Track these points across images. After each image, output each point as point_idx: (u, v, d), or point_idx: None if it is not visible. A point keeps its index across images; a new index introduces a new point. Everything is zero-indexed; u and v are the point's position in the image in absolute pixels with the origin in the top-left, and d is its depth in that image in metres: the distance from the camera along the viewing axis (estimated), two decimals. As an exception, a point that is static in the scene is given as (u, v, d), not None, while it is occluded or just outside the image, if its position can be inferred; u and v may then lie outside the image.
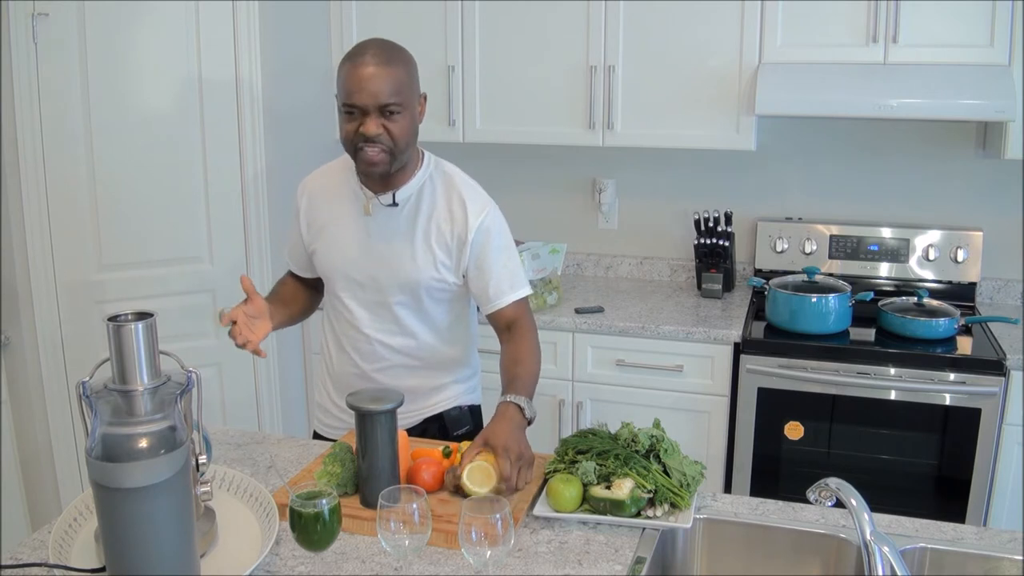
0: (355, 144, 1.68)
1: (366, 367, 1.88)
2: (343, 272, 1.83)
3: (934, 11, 2.55)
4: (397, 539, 1.25)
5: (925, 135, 2.93)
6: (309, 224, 1.87)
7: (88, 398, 1.15)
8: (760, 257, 3.08)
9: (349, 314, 1.86)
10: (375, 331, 1.85)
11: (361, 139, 1.66)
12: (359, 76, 1.63)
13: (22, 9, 2.35)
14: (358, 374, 1.89)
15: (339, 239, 1.83)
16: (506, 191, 3.45)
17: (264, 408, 2.93)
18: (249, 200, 2.77)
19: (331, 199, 1.85)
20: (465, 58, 2.98)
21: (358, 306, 1.85)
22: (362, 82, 1.63)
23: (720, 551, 1.54)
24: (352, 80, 1.64)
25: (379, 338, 1.85)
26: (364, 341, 1.86)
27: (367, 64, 1.64)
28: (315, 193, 1.88)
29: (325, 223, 1.84)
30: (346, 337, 1.89)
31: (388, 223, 1.79)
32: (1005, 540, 1.45)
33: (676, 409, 2.72)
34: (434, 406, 1.93)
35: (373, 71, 1.63)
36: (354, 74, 1.64)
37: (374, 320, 1.85)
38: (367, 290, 1.83)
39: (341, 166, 1.86)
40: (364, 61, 1.64)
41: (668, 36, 2.79)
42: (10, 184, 2.43)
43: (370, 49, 1.66)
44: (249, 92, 2.72)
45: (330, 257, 1.84)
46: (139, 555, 1.14)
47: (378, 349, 1.86)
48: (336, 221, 1.83)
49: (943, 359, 2.49)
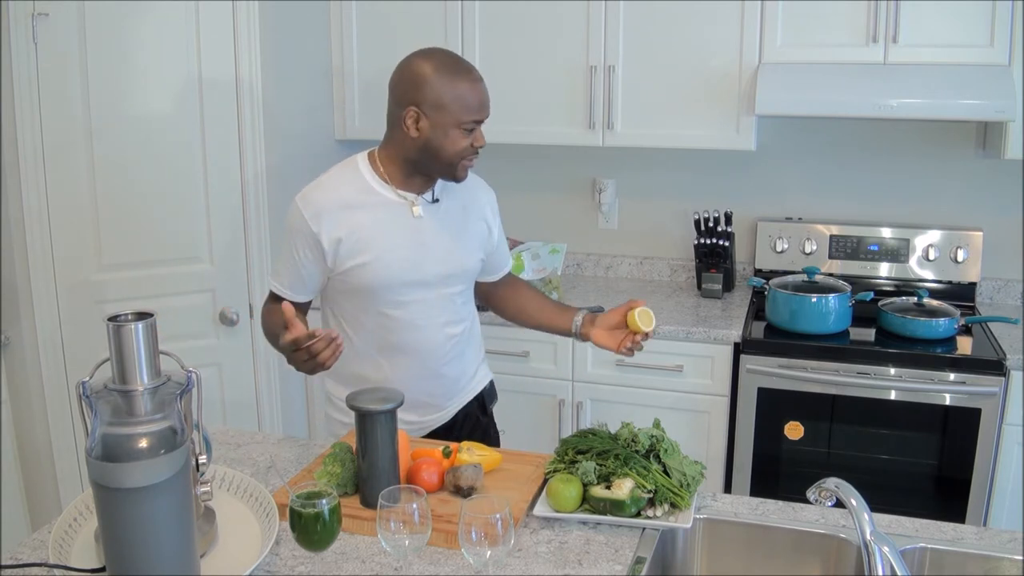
0: (463, 156, 1.74)
1: (433, 365, 1.88)
2: (403, 276, 1.78)
3: (934, 11, 2.55)
4: (397, 539, 1.25)
5: (925, 135, 2.93)
6: (341, 241, 1.74)
7: (88, 398, 1.15)
8: (760, 257, 3.08)
9: (407, 317, 1.82)
10: (443, 325, 1.87)
11: (472, 152, 1.74)
12: (481, 91, 1.73)
13: (22, 9, 2.35)
14: (424, 375, 1.87)
15: (392, 246, 1.76)
16: (506, 191, 3.45)
17: (264, 408, 2.93)
18: (249, 200, 2.77)
19: (358, 210, 1.76)
20: (465, 58, 2.97)
21: (422, 307, 1.82)
22: (484, 96, 1.73)
23: (720, 551, 1.54)
24: (479, 95, 1.72)
25: (447, 331, 1.88)
26: (431, 339, 1.85)
27: (479, 79, 1.73)
28: (332, 210, 1.74)
29: (369, 235, 1.75)
30: (404, 343, 1.84)
31: (436, 220, 1.82)
32: (1005, 540, 1.45)
33: (676, 409, 2.72)
34: (476, 386, 2.02)
35: (484, 85, 1.74)
36: (478, 89, 1.72)
37: (440, 314, 1.86)
38: (432, 287, 1.82)
39: (343, 179, 1.79)
40: (475, 76, 1.73)
41: (668, 36, 2.80)
42: (10, 184, 2.43)
43: (465, 62, 1.75)
44: (249, 92, 2.72)
45: (386, 264, 1.76)
46: (139, 555, 1.14)
47: (445, 343, 1.88)
48: (382, 231, 1.76)
49: (943, 359, 2.49)
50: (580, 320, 1.91)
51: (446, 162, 1.74)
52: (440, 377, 1.90)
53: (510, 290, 2.08)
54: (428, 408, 1.92)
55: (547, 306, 2.03)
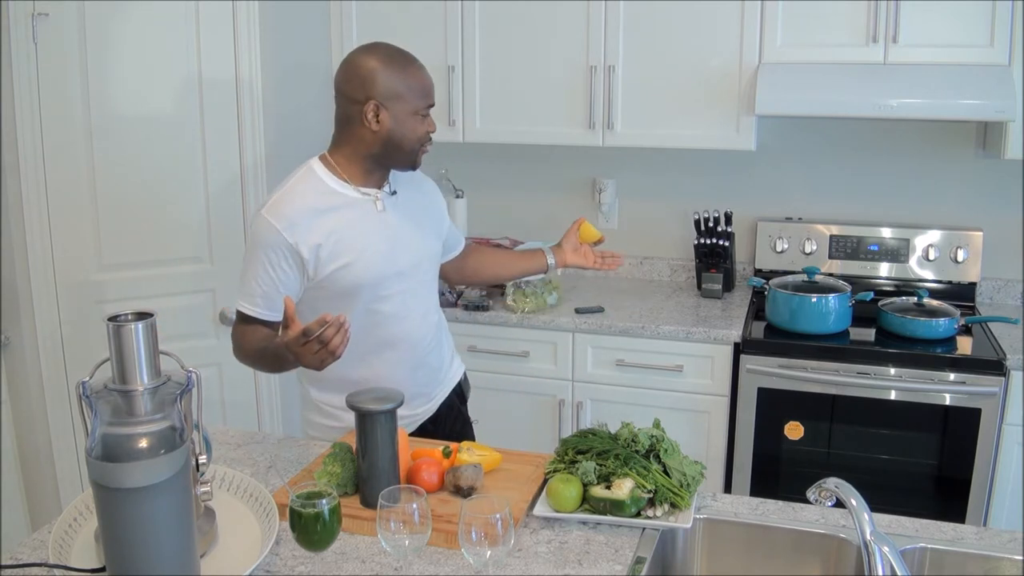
0: (422, 143, 1.80)
1: (421, 354, 1.92)
2: (383, 271, 1.81)
3: (934, 11, 2.55)
4: (397, 539, 1.25)
5: (925, 135, 2.93)
6: (320, 247, 1.73)
7: (88, 398, 1.15)
8: (760, 257, 3.08)
9: (392, 310, 1.84)
10: (423, 314, 1.92)
11: (427, 138, 1.81)
12: (427, 76, 1.79)
13: (22, 9, 2.35)
14: (413, 365, 1.91)
15: (368, 243, 1.79)
16: (506, 191, 3.47)
17: (264, 408, 2.93)
18: (249, 200, 2.77)
19: (329, 214, 1.75)
20: (465, 58, 2.98)
21: (403, 298, 1.86)
22: (430, 81, 1.79)
23: (720, 551, 1.54)
24: (425, 81, 1.78)
25: (428, 319, 1.94)
26: (415, 329, 1.90)
27: (423, 66, 1.79)
28: (302, 219, 1.73)
29: (343, 237, 1.76)
30: (392, 336, 1.86)
31: (399, 211, 1.86)
32: (1005, 540, 1.45)
33: (676, 409, 2.72)
34: (455, 375, 2.09)
35: (427, 71, 1.79)
36: (424, 75, 1.78)
37: (418, 304, 1.90)
38: (408, 277, 1.86)
39: (306, 187, 1.77)
40: (420, 63, 1.78)
41: (668, 36, 2.80)
42: (10, 184, 2.43)
43: (407, 52, 1.79)
44: (249, 92, 2.72)
45: (366, 262, 1.78)
46: (139, 555, 1.14)
47: (427, 332, 1.93)
48: (355, 230, 1.78)
49: (943, 359, 2.49)
50: (553, 259, 2.19)
51: (408, 150, 1.79)
52: (426, 366, 1.95)
53: (478, 256, 2.22)
54: (419, 400, 1.96)
55: (516, 256, 2.28)
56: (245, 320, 1.79)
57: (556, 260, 2.20)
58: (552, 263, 2.20)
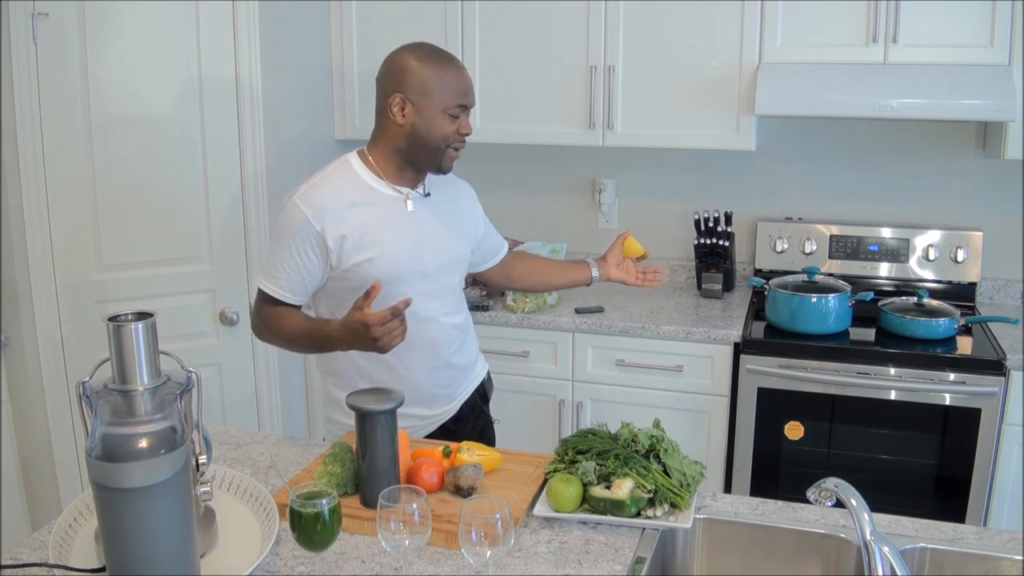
0: (449, 143, 1.79)
1: (445, 355, 1.93)
2: (407, 268, 1.81)
3: (934, 11, 2.55)
4: (397, 539, 1.25)
5: (925, 135, 2.93)
6: (345, 238, 1.75)
7: (88, 398, 1.15)
8: (760, 257, 3.08)
9: (414, 310, 1.79)
10: (445, 315, 1.92)
11: (458, 139, 1.80)
12: (465, 77, 1.79)
13: (22, 9, 2.35)
14: (436, 366, 1.92)
15: (393, 240, 1.80)
16: (506, 191, 3.47)
17: (264, 408, 2.93)
18: (249, 200, 2.77)
19: (358, 207, 1.77)
20: (465, 58, 2.98)
21: (427, 298, 1.85)
22: (468, 83, 1.79)
23: (720, 551, 1.54)
24: (463, 81, 1.78)
25: (449, 321, 1.93)
26: (437, 329, 1.89)
27: (463, 67, 1.80)
28: (333, 209, 1.75)
29: (370, 231, 1.77)
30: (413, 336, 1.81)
31: (429, 212, 1.87)
32: (1005, 540, 1.45)
33: (676, 409, 2.72)
34: (479, 375, 2.09)
35: (468, 73, 1.80)
36: (463, 76, 1.79)
37: (442, 305, 1.90)
38: (432, 279, 1.86)
39: (342, 178, 1.80)
40: (459, 64, 1.80)
41: (668, 36, 2.80)
42: (10, 184, 2.43)
43: (449, 52, 1.81)
44: (249, 92, 2.72)
45: (389, 258, 1.79)
46: (139, 555, 1.14)
47: (450, 332, 1.93)
48: (382, 225, 1.79)
49: (943, 359, 2.49)
50: (597, 271, 2.21)
51: (433, 148, 1.78)
52: (451, 367, 1.96)
53: (522, 263, 2.25)
54: (440, 400, 1.96)
55: (562, 266, 2.30)
56: (270, 301, 1.81)
57: (600, 273, 2.22)
58: (596, 275, 2.21)
